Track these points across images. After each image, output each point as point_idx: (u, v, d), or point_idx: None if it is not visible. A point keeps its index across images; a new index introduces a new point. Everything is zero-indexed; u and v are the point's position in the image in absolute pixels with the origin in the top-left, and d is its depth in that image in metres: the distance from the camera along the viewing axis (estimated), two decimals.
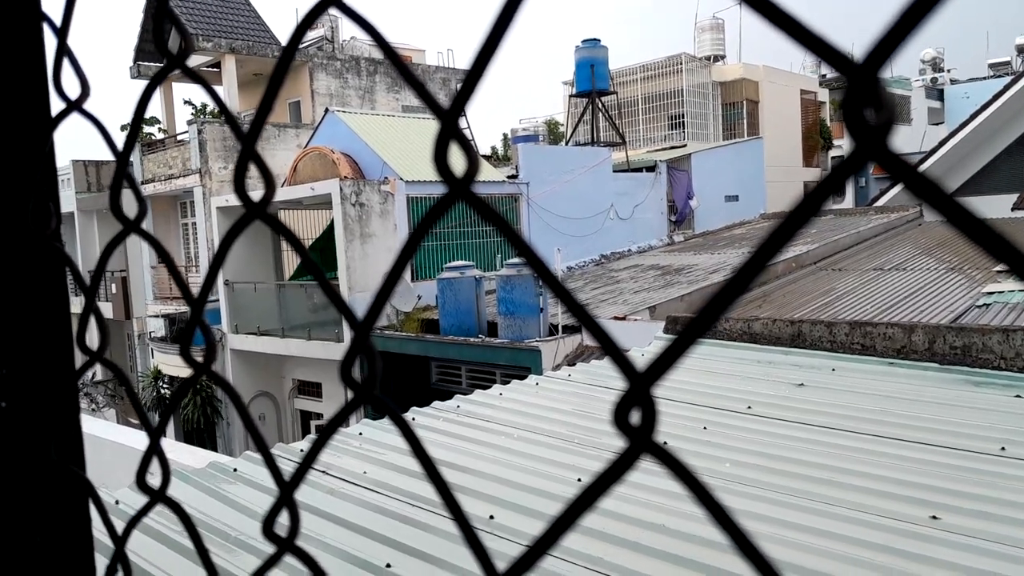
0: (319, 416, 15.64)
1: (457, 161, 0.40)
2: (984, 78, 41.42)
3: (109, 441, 6.27)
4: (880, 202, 19.09)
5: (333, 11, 0.50)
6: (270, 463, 0.50)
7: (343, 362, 0.44)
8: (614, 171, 18.53)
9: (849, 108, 0.28)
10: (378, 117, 17.95)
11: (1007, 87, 18.00)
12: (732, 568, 2.28)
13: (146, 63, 21.61)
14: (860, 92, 0.28)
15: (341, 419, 0.45)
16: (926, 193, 0.26)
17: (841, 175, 0.27)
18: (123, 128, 30.80)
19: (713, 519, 0.31)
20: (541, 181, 16.29)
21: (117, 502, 3.18)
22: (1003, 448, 3.20)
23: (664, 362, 0.31)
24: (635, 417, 0.32)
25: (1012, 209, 15.54)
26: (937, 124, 36.75)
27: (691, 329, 0.30)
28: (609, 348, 0.34)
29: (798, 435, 3.55)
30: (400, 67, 0.43)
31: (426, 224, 0.42)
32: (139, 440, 6.34)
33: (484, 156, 29.59)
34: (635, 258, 17.19)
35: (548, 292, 9.91)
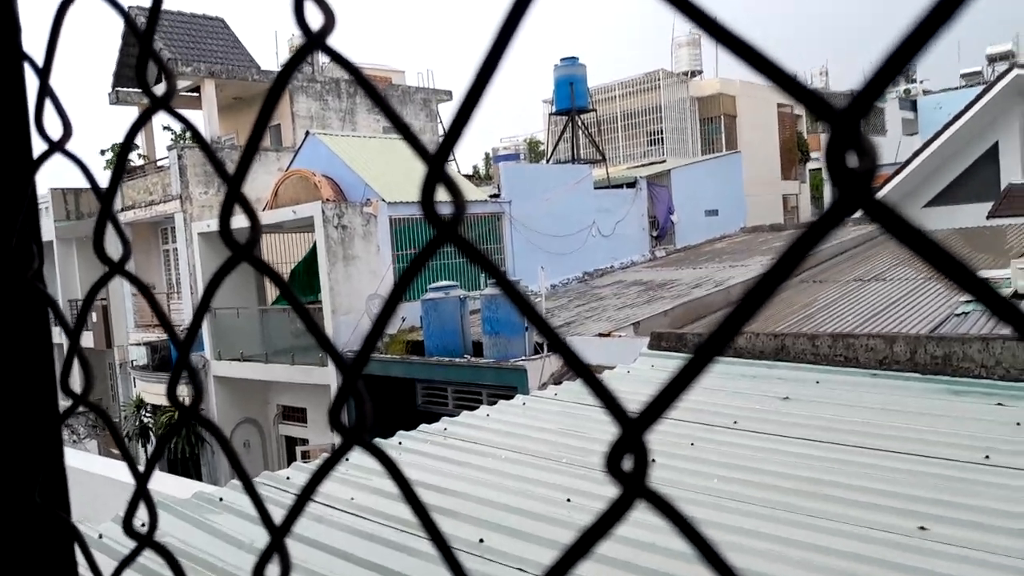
0: (304, 442, 15.50)
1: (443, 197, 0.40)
2: (956, 88, 42.13)
3: (91, 474, 6.17)
4: (858, 212, 19.25)
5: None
6: (261, 510, 0.49)
7: (332, 407, 0.44)
8: (595, 188, 18.64)
9: (832, 156, 0.28)
10: (359, 139, 17.96)
11: (979, 97, 18.30)
12: None
13: (124, 89, 21.52)
14: (843, 139, 0.28)
15: (331, 466, 0.44)
16: (911, 239, 0.27)
17: (825, 226, 0.28)
18: (102, 152, 30.58)
19: (708, 564, 0.31)
20: (523, 199, 16.35)
21: (100, 536, 3.13)
22: (987, 456, 3.23)
23: (657, 408, 0.31)
24: (627, 463, 0.32)
25: (987, 217, 15.75)
26: (911, 135, 37.32)
27: (681, 377, 0.30)
28: (600, 393, 0.34)
29: (785, 449, 3.56)
30: (388, 112, 0.43)
31: (415, 267, 0.42)
32: (122, 472, 6.25)
33: (466, 175, 29.66)
34: (618, 274, 17.27)
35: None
